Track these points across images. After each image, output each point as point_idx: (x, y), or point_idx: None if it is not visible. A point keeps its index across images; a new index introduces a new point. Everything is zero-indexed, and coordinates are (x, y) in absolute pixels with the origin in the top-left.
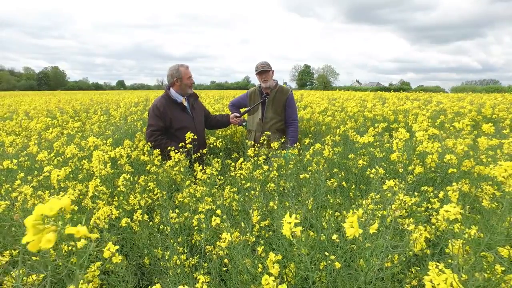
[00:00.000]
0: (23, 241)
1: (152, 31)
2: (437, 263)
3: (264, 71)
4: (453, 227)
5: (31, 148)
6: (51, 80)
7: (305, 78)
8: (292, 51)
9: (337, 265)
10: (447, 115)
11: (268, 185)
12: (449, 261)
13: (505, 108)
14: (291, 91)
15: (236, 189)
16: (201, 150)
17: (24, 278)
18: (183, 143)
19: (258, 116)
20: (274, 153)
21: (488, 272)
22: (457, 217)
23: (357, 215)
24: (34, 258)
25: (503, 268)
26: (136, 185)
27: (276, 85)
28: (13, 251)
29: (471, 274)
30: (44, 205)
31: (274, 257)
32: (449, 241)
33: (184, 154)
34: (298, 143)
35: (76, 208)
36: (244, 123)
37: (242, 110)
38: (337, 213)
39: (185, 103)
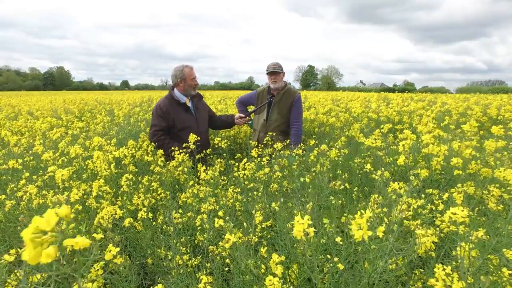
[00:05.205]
0: (23, 257)
1: (154, 31)
2: (443, 266)
3: (274, 72)
4: (458, 229)
5: (36, 148)
6: (56, 80)
7: (309, 78)
8: (295, 51)
9: (340, 266)
10: (452, 116)
11: (271, 185)
12: (454, 263)
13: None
14: (299, 93)
15: (239, 190)
16: (204, 151)
17: (30, 277)
18: (186, 144)
19: (263, 117)
20: (277, 154)
21: (494, 275)
22: (464, 220)
23: (366, 217)
24: None
25: (510, 272)
26: (140, 185)
27: (285, 86)
28: (19, 249)
29: (477, 277)
30: (41, 218)
31: (277, 257)
32: (456, 243)
33: (187, 154)
34: (302, 144)
35: (80, 207)
36: (250, 122)
37: (249, 108)
38: (343, 218)
39: (189, 104)
